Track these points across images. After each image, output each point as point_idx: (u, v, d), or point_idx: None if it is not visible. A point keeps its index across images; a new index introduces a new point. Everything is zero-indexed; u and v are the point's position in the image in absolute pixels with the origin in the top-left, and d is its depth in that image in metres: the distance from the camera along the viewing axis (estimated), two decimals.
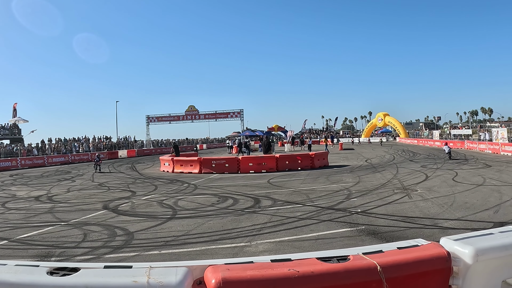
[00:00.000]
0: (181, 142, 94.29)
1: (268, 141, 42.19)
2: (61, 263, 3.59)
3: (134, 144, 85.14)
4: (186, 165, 32.91)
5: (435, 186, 18.73)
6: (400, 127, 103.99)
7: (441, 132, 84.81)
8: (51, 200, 19.41)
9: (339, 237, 10.57)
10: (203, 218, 13.75)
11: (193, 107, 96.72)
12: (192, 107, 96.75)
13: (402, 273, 3.38)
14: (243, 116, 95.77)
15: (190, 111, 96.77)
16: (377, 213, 13.26)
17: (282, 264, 3.39)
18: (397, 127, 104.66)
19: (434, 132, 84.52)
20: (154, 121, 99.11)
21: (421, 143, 74.58)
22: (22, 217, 15.22)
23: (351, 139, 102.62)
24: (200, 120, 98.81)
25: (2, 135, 70.04)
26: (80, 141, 71.85)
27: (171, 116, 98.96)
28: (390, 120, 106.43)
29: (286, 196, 17.64)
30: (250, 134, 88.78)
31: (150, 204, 17.08)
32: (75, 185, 26.30)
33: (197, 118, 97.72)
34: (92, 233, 12.10)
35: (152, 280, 3.10)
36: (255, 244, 10.18)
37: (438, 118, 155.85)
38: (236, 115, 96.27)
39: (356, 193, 17.55)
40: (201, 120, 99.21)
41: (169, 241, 10.82)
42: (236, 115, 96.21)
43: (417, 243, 3.86)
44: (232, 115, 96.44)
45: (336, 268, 3.32)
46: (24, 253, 10.21)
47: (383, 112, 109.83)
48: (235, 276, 3.20)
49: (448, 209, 13.59)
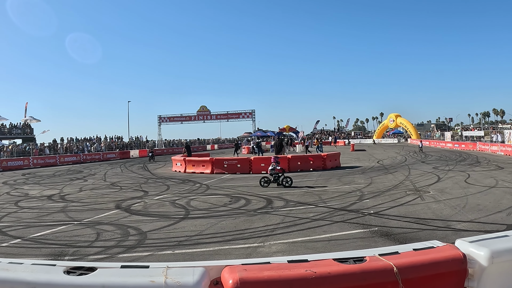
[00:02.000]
0: (192, 142, 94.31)
1: (280, 142, 42.02)
2: (78, 263, 3.63)
3: (145, 144, 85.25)
4: (198, 165, 32.94)
5: (447, 188, 18.66)
6: (412, 128, 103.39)
7: (453, 134, 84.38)
8: (64, 199, 19.50)
9: (352, 238, 10.56)
10: (216, 218, 13.78)
11: (204, 108, 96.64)
12: (203, 108, 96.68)
13: (418, 275, 3.40)
14: (255, 117, 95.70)
15: (201, 112, 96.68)
16: (389, 215, 13.24)
17: (299, 265, 3.41)
18: (408, 128, 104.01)
19: (446, 134, 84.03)
20: (166, 121, 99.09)
21: (432, 145, 74.08)
22: (35, 216, 15.29)
23: (372, 140, 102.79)
24: (211, 121, 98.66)
25: (14, 135, 70.34)
26: (92, 141, 72.03)
27: (182, 116, 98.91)
28: (402, 121, 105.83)
29: (298, 197, 17.63)
30: (262, 134, 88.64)
31: (162, 204, 17.12)
32: (87, 185, 26.41)
33: (208, 118, 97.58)
34: (105, 232, 12.15)
35: (169, 280, 3.13)
36: (268, 245, 10.19)
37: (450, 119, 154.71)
38: (247, 116, 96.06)
39: (369, 194, 17.52)
40: (213, 121, 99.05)
41: (182, 241, 10.84)
42: (247, 115, 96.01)
43: (433, 245, 3.88)
44: (244, 116, 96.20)
45: (353, 269, 3.35)
46: (38, 252, 10.27)
47: (395, 113, 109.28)
48: (253, 276, 3.22)
49: (460, 211, 13.55)
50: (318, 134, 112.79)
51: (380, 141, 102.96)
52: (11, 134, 69.81)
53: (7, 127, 69.59)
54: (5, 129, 68.86)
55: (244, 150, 65.14)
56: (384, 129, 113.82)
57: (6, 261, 3.61)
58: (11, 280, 3.23)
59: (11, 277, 3.26)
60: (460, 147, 59.22)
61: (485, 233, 4.39)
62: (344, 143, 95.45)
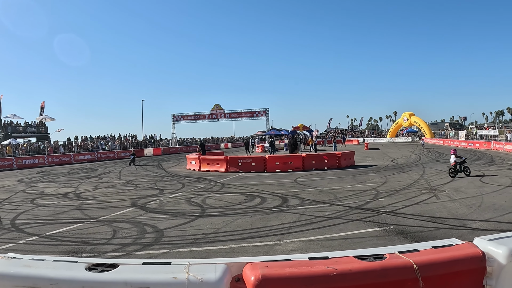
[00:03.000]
0: (206, 141, 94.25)
1: (294, 140, 41.97)
2: (99, 259, 3.66)
3: (160, 143, 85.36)
4: (213, 163, 32.98)
5: (462, 187, 18.57)
6: (426, 127, 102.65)
7: (467, 132, 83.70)
8: (79, 197, 19.65)
9: (368, 236, 10.58)
10: (231, 216, 13.83)
11: (218, 106, 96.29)
12: (217, 106, 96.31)
13: (437, 272, 3.41)
14: (269, 115, 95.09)
15: (215, 110, 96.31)
16: (405, 213, 13.21)
17: (320, 262, 3.44)
18: (422, 127, 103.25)
19: (460, 133, 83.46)
20: (180, 120, 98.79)
21: (446, 144, 73.51)
22: (51, 214, 15.42)
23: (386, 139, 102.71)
24: (225, 119, 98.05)
25: (29, 133, 70.75)
26: (106, 139, 72.24)
27: (196, 115, 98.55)
28: (416, 120, 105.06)
29: (313, 196, 17.63)
30: (276, 133, 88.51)
31: (178, 202, 17.19)
32: (103, 183, 26.58)
33: (222, 117, 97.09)
34: (122, 230, 12.23)
35: (191, 277, 3.16)
36: (285, 243, 10.22)
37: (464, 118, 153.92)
38: (261, 114, 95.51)
39: (384, 193, 17.50)
40: (227, 119, 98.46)
41: (199, 239, 10.90)
42: (261, 114, 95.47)
43: (452, 243, 3.88)
44: (258, 114, 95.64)
45: (373, 266, 3.37)
46: (55, 249, 10.36)
47: (408, 111, 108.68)
48: (274, 273, 3.26)
49: (476, 210, 13.50)
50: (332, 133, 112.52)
51: (394, 140, 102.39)
52: (26, 132, 70.22)
53: (22, 125, 69.95)
54: (20, 128, 69.23)
55: (258, 149, 64.99)
56: (398, 127, 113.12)
57: (27, 258, 3.65)
58: (34, 276, 3.28)
59: (34, 273, 3.32)
60: (474, 146, 58.62)
61: (502, 232, 4.40)
62: (358, 141, 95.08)
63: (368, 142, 75.05)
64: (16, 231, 12.53)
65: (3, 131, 65.12)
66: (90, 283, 3.22)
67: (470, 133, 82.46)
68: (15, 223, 13.75)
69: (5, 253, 3.78)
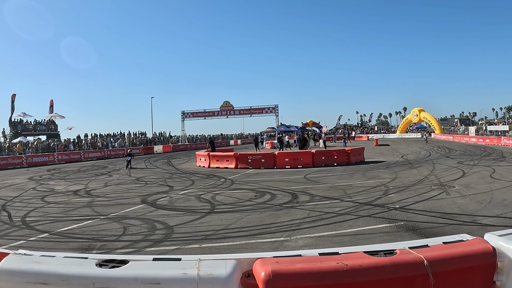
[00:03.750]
0: (216, 138, 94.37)
1: (303, 137, 41.95)
2: (110, 255, 3.69)
3: (169, 140, 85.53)
4: (222, 160, 33.08)
5: (472, 183, 18.49)
6: (436, 123, 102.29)
7: (477, 128, 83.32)
8: (89, 194, 19.72)
9: (379, 232, 10.55)
10: (241, 212, 13.84)
11: (228, 103, 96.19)
12: (227, 103, 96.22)
13: (448, 268, 3.41)
14: (278, 112, 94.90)
15: (225, 107, 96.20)
16: (415, 209, 13.17)
17: (330, 258, 3.45)
18: (432, 123, 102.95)
19: (470, 128, 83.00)
20: (189, 117, 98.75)
21: (456, 139, 73.15)
22: (61, 211, 15.49)
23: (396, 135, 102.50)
24: (235, 116, 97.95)
25: (39, 131, 71.05)
26: (116, 137, 72.42)
27: (206, 111, 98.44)
28: (426, 116, 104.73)
29: (323, 192, 17.62)
30: (285, 129, 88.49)
31: (188, 199, 17.23)
32: (112, 180, 26.69)
33: (232, 113, 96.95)
34: (132, 226, 12.28)
35: (202, 272, 3.18)
36: (295, 239, 10.22)
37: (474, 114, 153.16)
38: (270, 111, 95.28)
39: (394, 189, 17.45)
40: (236, 116, 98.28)
41: (209, 235, 10.92)
42: (270, 110, 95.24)
43: (462, 238, 3.87)
44: (267, 111, 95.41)
45: (384, 262, 3.37)
46: (65, 246, 10.40)
47: (418, 107, 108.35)
48: (285, 269, 3.26)
49: (486, 206, 13.44)
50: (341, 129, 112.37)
51: (403, 136, 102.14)
52: (36, 130, 70.53)
53: (32, 124, 70.24)
54: (30, 126, 69.53)
55: (267, 145, 64.95)
56: (407, 123, 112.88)
57: (38, 254, 3.69)
58: (44, 272, 3.31)
59: (44, 269, 3.34)
60: (484, 141, 58.38)
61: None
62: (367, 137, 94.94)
63: (378, 138, 74.78)
64: (26, 228, 12.60)
65: (13, 129, 65.47)
66: (101, 279, 3.25)
67: (480, 129, 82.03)
68: (26, 220, 13.84)
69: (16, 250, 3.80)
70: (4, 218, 14.29)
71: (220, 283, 3.16)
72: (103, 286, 3.21)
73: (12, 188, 23.66)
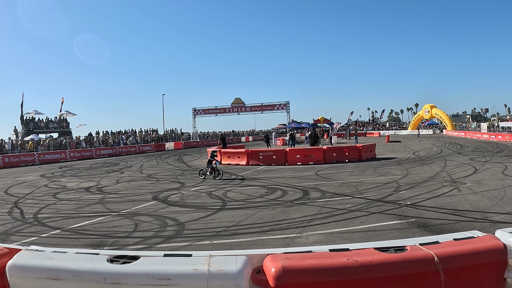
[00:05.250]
0: (227, 134, 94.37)
1: (315, 133, 41.87)
2: (121, 251, 3.71)
3: (180, 137, 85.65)
4: (234, 157, 33.19)
5: (484, 180, 18.38)
6: (447, 119, 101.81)
7: (489, 125, 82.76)
8: (101, 191, 19.84)
9: (390, 229, 10.53)
10: (252, 209, 13.86)
11: (239, 100, 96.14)
12: (238, 100, 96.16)
13: (458, 264, 3.39)
14: (289, 108, 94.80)
15: (236, 104, 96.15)
16: (426, 206, 13.13)
17: (340, 254, 3.44)
18: (444, 119, 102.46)
19: (482, 125, 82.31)
20: (201, 114, 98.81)
21: (468, 136, 72.82)
22: (73, 208, 15.60)
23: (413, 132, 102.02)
24: (246, 113, 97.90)
25: (51, 129, 71.26)
26: (127, 134, 72.62)
27: (217, 108, 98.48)
28: (437, 112, 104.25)
29: (334, 188, 17.61)
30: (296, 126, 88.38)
31: (199, 195, 17.27)
32: (124, 177, 26.80)
33: (243, 110, 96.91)
34: (143, 223, 12.33)
35: (212, 268, 3.20)
36: (306, 235, 10.23)
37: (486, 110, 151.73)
38: (282, 107, 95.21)
39: (405, 186, 17.40)
40: (247, 113, 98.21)
41: (220, 232, 10.95)
42: (282, 107, 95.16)
43: (473, 235, 3.85)
44: (278, 107, 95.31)
45: (394, 258, 3.37)
46: (77, 242, 10.48)
47: (430, 104, 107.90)
48: (295, 265, 3.27)
49: (498, 202, 13.36)
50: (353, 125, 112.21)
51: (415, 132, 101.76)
52: (48, 128, 70.76)
53: (44, 121, 70.52)
54: (41, 124, 69.81)
55: (279, 142, 64.87)
56: (419, 120, 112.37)
57: (50, 250, 3.71)
58: (56, 268, 3.34)
59: (56, 265, 3.37)
60: (496, 138, 57.95)
61: None
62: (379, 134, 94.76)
63: (389, 135, 74.57)
64: (39, 225, 12.69)
65: (25, 127, 65.74)
66: (112, 274, 3.27)
67: (492, 125, 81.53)
68: (38, 217, 13.93)
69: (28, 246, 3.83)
70: (17, 215, 14.41)
71: (230, 279, 3.17)
72: (114, 282, 3.23)
73: (24, 185, 23.83)
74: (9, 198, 18.62)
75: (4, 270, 3.47)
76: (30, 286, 3.41)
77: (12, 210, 15.39)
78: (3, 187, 23.50)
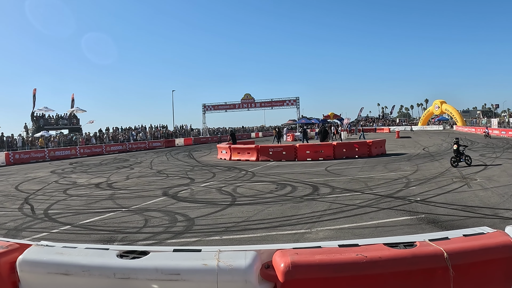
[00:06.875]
0: (237, 130, 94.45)
1: (325, 129, 41.83)
2: (131, 247, 3.75)
3: (190, 133, 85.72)
4: (243, 152, 33.12)
5: (494, 176, 18.30)
6: (457, 115, 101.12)
7: (500, 120, 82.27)
8: (111, 187, 19.91)
9: (399, 225, 10.52)
10: (262, 205, 13.86)
11: (249, 95, 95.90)
12: (248, 95, 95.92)
13: (468, 261, 3.38)
14: (299, 104, 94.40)
15: (246, 99, 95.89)
16: (436, 202, 13.09)
17: (349, 249, 3.45)
18: (454, 115, 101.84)
19: (492, 120, 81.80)
20: (210, 110, 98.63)
21: (478, 132, 72.43)
22: (83, 203, 15.66)
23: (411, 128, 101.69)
24: (256, 108, 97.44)
25: (61, 125, 71.64)
26: (137, 130, 72.77)
27: (227, 104, 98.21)
28: (447, 108, 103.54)
29: (344, 184, 17.60)
30: (306, 121, 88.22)
31: (209, 191, 17.29)
32: (134, 173, 26.86)
33: (253, 106, 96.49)
34: (153, 219, 12.37)
35: (222, 263, 3.21)
36: (315, 231, 10.23)
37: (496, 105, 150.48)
38: (292, 103, 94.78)
39: (415, 182, 17.35)
40: (257, 108, 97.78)
41: (230, 227, 10.97)
42: (292, 103, 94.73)
43: (483, 231, 3.83)
44: (288, 103, 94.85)
45: (403, 254, 3.37)
46: (87, 238, 10.55)
47: (440, 99, 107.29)
48: (304, 260, 3.28)
49: (508, 199, 13.30)
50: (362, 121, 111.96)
51: (424, 128, 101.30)
52: (58, 125, 71.11)
53: (54, 118, 70.80)
54: (52, 120, 70.11)
55: (289, 138, 64.75)
56: (429, 116, 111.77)
57: (60, 245, 3.75)
58: (66, 263, 3.38)
59: (66, 260, 3.41)
60: (507, 134, 57.65)
61: None
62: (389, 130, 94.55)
63: (399, 131, 74.33)
64: (49, 220, 12.77)
65: (35, 124, 66.06)
66: (121, 269, 3.30)
67: (502, 121, 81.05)
68: (48, 213, 14.02)
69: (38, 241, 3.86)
70: (27, 211, 14.49)
71: (239, 274, 3.19)
72: (124, 277, 3.26)
73: (35, 182, 23.96)
74: (19, 194, 18.72)
75: (15, 265, 3.51)
76: (41, 281, 3.45)
77: (23, 206, 15.48)
78: (14, 183, 23.66)
